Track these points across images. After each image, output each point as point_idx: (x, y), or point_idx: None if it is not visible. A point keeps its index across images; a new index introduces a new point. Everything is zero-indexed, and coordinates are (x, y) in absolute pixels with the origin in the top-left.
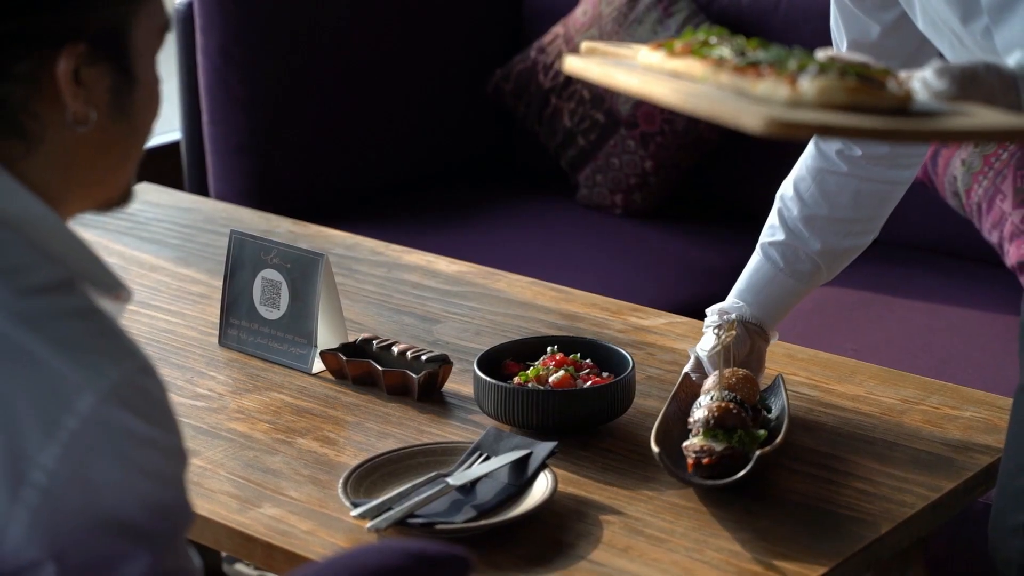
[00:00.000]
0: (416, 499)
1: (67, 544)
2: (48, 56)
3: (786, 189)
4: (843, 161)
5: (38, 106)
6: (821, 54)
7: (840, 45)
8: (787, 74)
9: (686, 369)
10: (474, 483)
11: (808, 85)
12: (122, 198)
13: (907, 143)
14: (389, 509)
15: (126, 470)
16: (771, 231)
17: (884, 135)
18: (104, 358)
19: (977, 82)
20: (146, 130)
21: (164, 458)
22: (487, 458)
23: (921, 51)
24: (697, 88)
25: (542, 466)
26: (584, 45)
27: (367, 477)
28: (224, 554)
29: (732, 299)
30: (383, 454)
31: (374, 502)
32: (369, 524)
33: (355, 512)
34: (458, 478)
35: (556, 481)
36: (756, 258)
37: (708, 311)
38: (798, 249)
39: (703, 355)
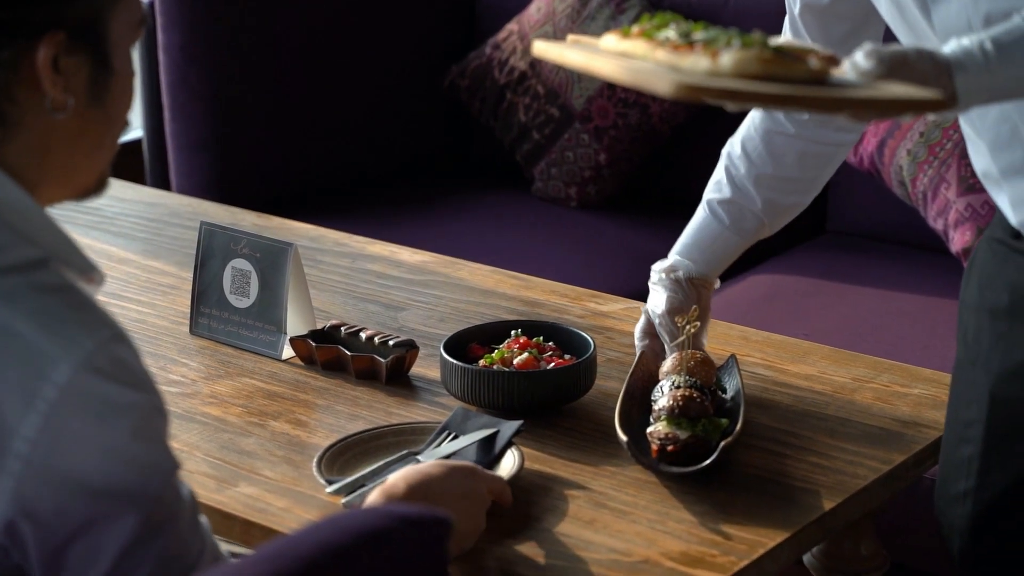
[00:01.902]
0: (388, 476)
1: (50, 511)
2: (28, 44)
3: (733, 147)
4: (791, 123)
5: (17, 92)
6: (758, 36)
7: (793, 8)
8: (712, 49)
9: (638, 327)
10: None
11: (727, 58)
12: (98, 185)
13: (805, 110)
14: (363, 486)
15: (107, 435)
16: (717, 187)
17: (781, 100)
18: (78, 329)
19: (907, 66)
20: (121, 119)
21: (143, 418)
22: (455, 437)
23: (871, 19)
24: (632, 63)
25: (508, 444)
26: (570, 37)
27: (340, 456)
28: None
29: (676, 256)
30: (355, 434)
31: (348, 479)
32: (344, 500)
33: (330, 489)
34: (428, 456)
35: (523, 458)
36: (701, 214)
37: (653, 268)
38: (744, 207)
39: (654, 315)
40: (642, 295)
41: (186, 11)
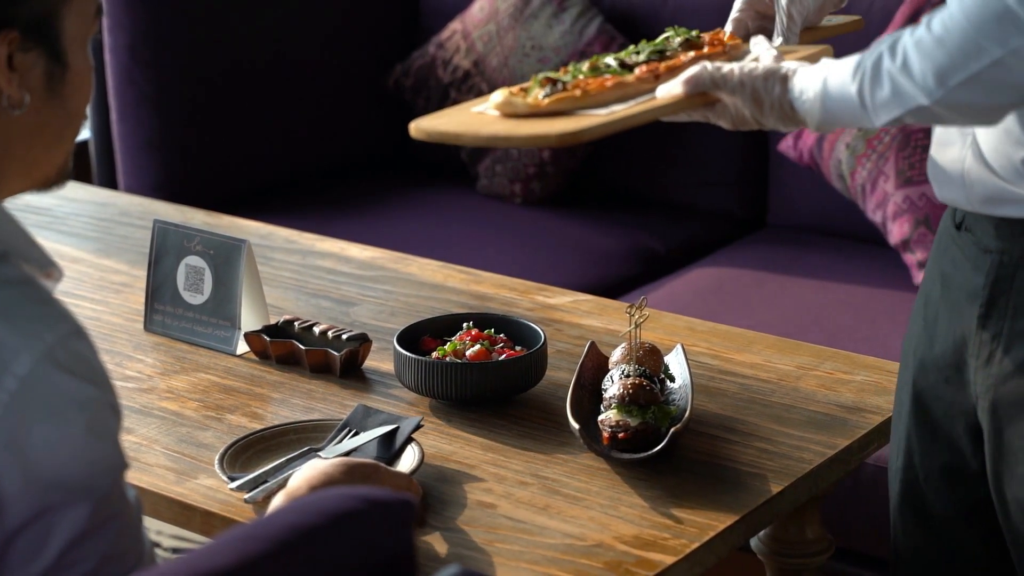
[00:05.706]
0: (290, 472)
1: (6, 499)
2: None
3: None
4: None
5: None
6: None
7: None
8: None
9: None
10: (344, 456)
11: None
12: (58, 177)
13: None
14: (264, 482)
15: (63, 427)
16: None
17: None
18: (39, 323)
19: (730, 83)
20: (79, 113)
21: (98, 414)
22: (356, 433)
23: None
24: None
25: (408, 440)
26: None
27: (242, 453)
28: None
29: None
30: (256, 432)
31: (250, 475)
32: (247, 496)
33: (232, 485)
34: (329, 452)
35: (423, 453)
36: None
37: None
38: None
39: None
40: (587, 288)
41: (132, 13)
